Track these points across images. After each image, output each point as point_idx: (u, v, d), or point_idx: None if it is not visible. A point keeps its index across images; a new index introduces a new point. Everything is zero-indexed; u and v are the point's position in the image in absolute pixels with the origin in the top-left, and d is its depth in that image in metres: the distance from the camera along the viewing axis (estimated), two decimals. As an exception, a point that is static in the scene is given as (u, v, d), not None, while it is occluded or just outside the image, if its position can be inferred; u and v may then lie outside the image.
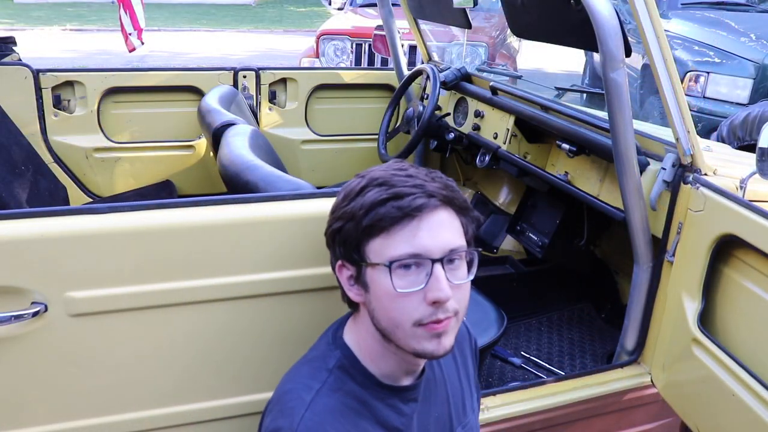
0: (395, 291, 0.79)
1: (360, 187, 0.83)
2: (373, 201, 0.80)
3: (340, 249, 0.85)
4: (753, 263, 1.22)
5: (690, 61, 4.08)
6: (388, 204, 0.79)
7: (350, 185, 0.85)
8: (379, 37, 4.33)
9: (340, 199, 0.86)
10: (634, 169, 1.33)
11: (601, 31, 1.20)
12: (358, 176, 0.86)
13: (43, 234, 0.93)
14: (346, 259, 0.85)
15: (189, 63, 7.97)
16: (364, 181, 0.83)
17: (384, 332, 0.83)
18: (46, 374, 1.00)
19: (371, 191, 0.81)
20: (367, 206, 0.80)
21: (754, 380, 1.18)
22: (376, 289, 0.81)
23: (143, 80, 2.20)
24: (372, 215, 0.80)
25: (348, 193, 0.84)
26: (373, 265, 0.81)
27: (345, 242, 0.83)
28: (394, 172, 0.83)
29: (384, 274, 0.79)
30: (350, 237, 0.82)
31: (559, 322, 2.11)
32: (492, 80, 2.11)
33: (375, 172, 0.84)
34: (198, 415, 1.11)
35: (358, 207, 0.81)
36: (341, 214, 0.84)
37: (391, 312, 0.80)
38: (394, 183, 0.81)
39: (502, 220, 2.51)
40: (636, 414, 1.57)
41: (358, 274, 0.84)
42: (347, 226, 0.82)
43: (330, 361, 0.86)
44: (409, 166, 0.85)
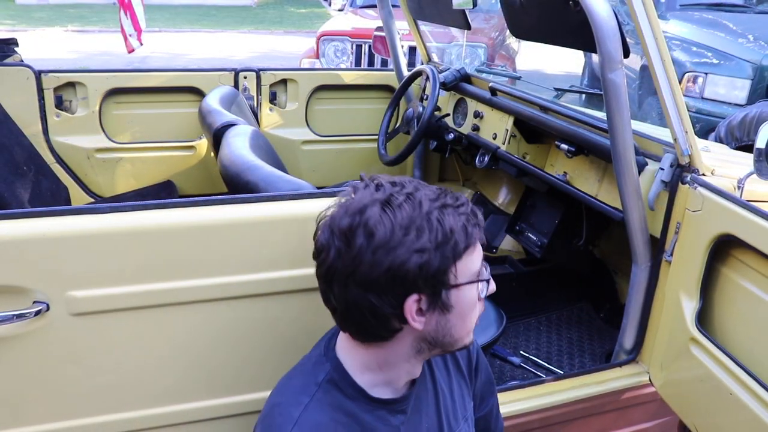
0: (479, 298, 0.84)
1: (425, 213, 0.77)
2: (460, 225, 0.79)
3: (424, 281, 0.78)
4: (751, 263, 1.22)
5: (688, 62, 4.09)
6: (471, 223, 0.81)
7: (405, 216, 0.77)
8: (379, 38, 4.34)
9: (392, 231, 0.76)
10: (632, 170, 1.34)
11: (600, 32, 1.20)
12: (391, 206, 0.78)
13: (44, 234, 0.94)
14: (427, 289, 0.79)
15: (190, 64, 7.98)
16: (419, 208, 0.78)
17: (447, 344, 0.85)
18: (48, 373, 1.01)
19: (445, 213, 0.78)
20: (457, 231, 0.78)
21: (752, 379, 1.19)
22: (462, 306, 0.82)
23: (144, 81, 2.21)
24: (463, 238, 0.79)
25: (407, 226, 0.76)
26: (457, 285, 0.80)
27: (432, 273, 0.78)
28: (431, 195, 0.81)
29: (471, 288, 0.82)
30: (437, 266, 0.78)
31: (558, 321, 2.11)
32: (491, 81, 2.11)
33: (412, 198, 0.78)
34: (199, 413, 1.11)
35: (447, 234, 0.78)
36: (419, 246, 0.76)
37: (471, 321, 0.85)
38: (449, 203, 0.80)
39: (502, 220, 2.52)
40: (634, 413, 1.57)
41: (432, 302, 0.80)
42: (433, 257, 0.77)
43: (320, 375, 0.86)
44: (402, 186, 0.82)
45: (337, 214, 0.81)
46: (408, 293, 0.78)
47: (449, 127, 2.24)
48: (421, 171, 2.61)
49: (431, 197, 0.80)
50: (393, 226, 0.77)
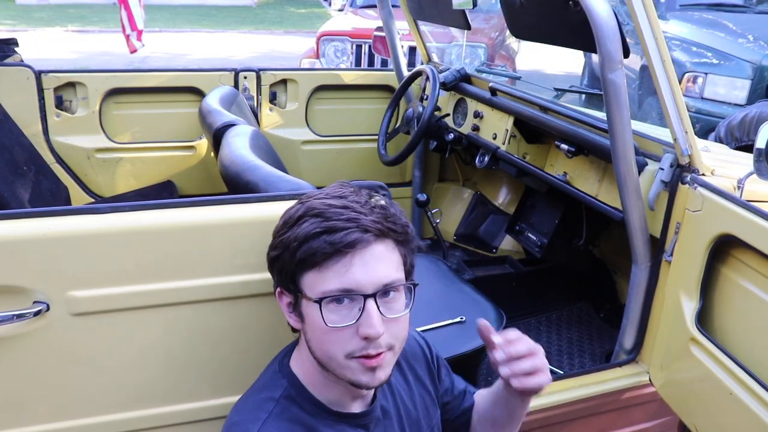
0: (326, 326, 0.78)
1: (297, 216, 0.81)
2: (307, 234, 0.78)
3: (278, 276, 0.84)
4: (751, 263, 1.22)
5: (688, 62, 4.09)
6: (321, 238, 0.77)
7: (290, 211, 0.84)
8: (379, 38, 4.34)
9: (280, 224, 0.85)
10: (632, 170, 1.34)
11: (600, 32, 1.20)
12: (299, 201, 0.84)
13: (45, 234, 0.94)
14: (283, 287, 0.85)
15: (190, 64, 7.98)
16: (302, 209, 0.81)
17: (320, 362, 0.83)
18: (48, 373, 1.01)
19: (306, 222, 0.79)
20: (301, 239, 0.79)
21: (752, 379, 1.19)
22: (310, 321, 0.81)
23: (144, 81, 2.21)
24: (305, 249, 0.78)
25: (287, 220, 0.83)
26: (307, 298, 0.80)
27: (281, 271, 0.83)
28: (332, 202, 0.80)
29: (316, 308, 0.79)
30: (286, 267, 0.81)
31: (558, 321, 2.12)
32: (491, 81, 2.11)
33: (313, 201, 0.82)
34: (199, 413, 1.11)
35: (293, 238, 0.80)
36: (278, 243, 0.83)
37: (324, 344, 0.81)
38: (329, 215, 0.78)
39: (501, 220, 2.52)
40: (634, 413, 1.57)
41: (295, 303, 0.84)
42: (283, 256, 0.81)
43: (276, 391, 0.86)
44: (349, 194, 0.82)
45: None
46: (276, 284, 0.86)
47: (449, 127, 2.25)
48: (421, 171, 2.61)
49: (324, 203, 0.80)
50: (283, 219, 0.85)
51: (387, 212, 0.82)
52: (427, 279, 1.78)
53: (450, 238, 2.61)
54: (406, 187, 2.63)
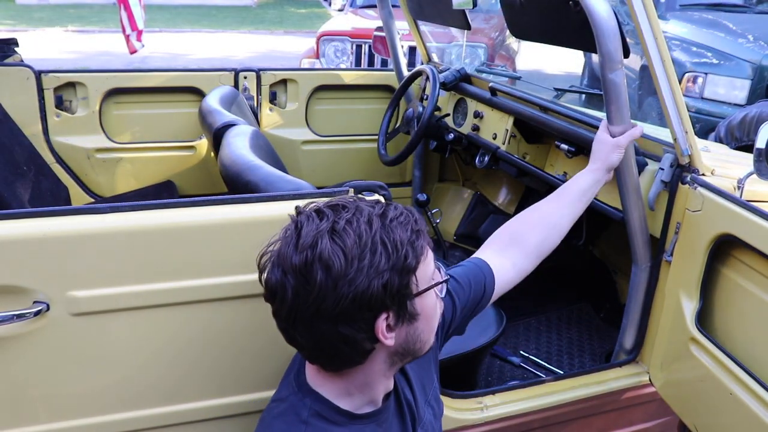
0: (440, 298, 0.86)
1: (373, 236, 0.76)
2: (409, 236, 0.79)
3: (390, 300, 0.78)
4: (751, 263, 1.22)
5: (688, 62, 4.09)
6: (417, 233, 0.81)
7: (352, 243, 0.75)
8: (379, 38, 4.34)
9: (346, 261, 0.75)
10: (632, 170, 1.34)
11: (600, 32, 1.20)
12: (336, 234, 0.76)
13: (45, 234, 0.94)
14: (394, 306, 0.79)
15: (190, 64, 7.98)
16: (365, 231, 0.76)
17: (417, 350, 0.85)
18: (48, 373, 1.01)
19: (391, 228, 0.78)
20: (407, 243, 0.78)
21: (752, 379, 1.19)
22: (427, 311, 0.84)
23: (144, 81, 2.21)
24: (416, 248, 0.80)
25: (361, 250, 0.75)
26: (419, 293, 0.81)
27: (395, 290, 0.77)
28: (377, 208, 0.80)
29: (431, 292, 0.84)
30: (399, 281, 0.78)
31: (558, 321, 2.12)
32: (491, 81, 2.11)
33: (353, 222, 0.77)
34: (199, 413, 1.12)
35: (399, 248, 0.77)
36: (376, 271, 0.75)
37: (435, 320, 0.86)
38: (392, 215, 0.80)
39: (501, 220, 2.51)
40: (634, 413, 1.57)
41: (399, 314, 0.80)
42: (392, 275, 0.76)
43: (303, 412, 0.84)
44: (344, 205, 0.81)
45: (284, 251, 0.78)
46: (377, 315, 0.78)
47: (449, 127, 2.25)
48: (421, 171, 2.61)
49: (374, 215, 0.80)
50: (346, 254, 0.75)
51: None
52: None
53: (450, 238, 2.61)
54: (406, 187, 2.63)
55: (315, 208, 0.81)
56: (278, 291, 0.78)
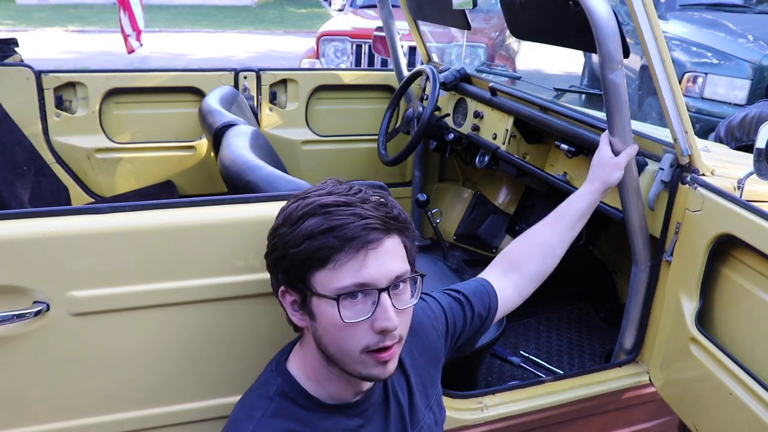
0: (342, 322, 0.79)
1: (300, 214, 0.80)
2: (312, 231, 0.78)
3: (283, 276, 0.83)
4: (751, 263, 1.22)
5: (688, 62, 4.09)
6: (328, 235, 0.78)
7: (289, 209, 0.83)
8: (379, 38, 4.34)
9: (279, 222, 0.84)
10: (632, 170, 1.34)
11: (600, 32, 1.20)
12: (298, 199, 0.83)
13: (45, 234, 0.94)
14: (289, 286, 0.84)
15: (190, 64, 7.98)
16: (303, 206, 0.81)
17: (331, 358, 0.84)
18: (48, 373, 1.01)
19: (311, 220, 0.79)
20: (307, 236, 0.78)
21: (752, 379, 1.19)
22: (323, 318, 0.81)
23: (144, 81, 2.21)
24: (314, 246, 0.78)
25: (287, 219, 0.82)
26: (318, 295, 0.80)
27: (288, 270, 0.82)
28: (334, 199, 0.80)
29: (331, 305, 0.79)
30: (293, 266, 0.81)
31: (558, 321, 2.12)
32: (491, 81, 2.11)
33: (313, 196, 0.82)
34: (199, 413, 1.12)
35: (299, 236, 0.79)
36: (282, 243, 0.81)
37: (339, 340, 0.81)
38: (334, 212, 0.79)
39: (501, 220, 2.52)
40: (634, 413, 1.57)
41: (303, 301, 0.83)
42: (289, 255, 0.80)
43: (271, 389, 0.87)
44: (348, 189, 0.83)
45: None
46: (278, 282, 0.85)
47: (449, 127, 2.25)
48: (421, 171, 2.61)
49: (326, 201, 0.80)
50: (280, 218, 0.84)
51: (387, 207, 0.83)
52: (427, 279, 1.78)
53: (450, 238, 2.61)
54: (406, 187, 2.63)
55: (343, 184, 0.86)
56: None
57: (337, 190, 0.83)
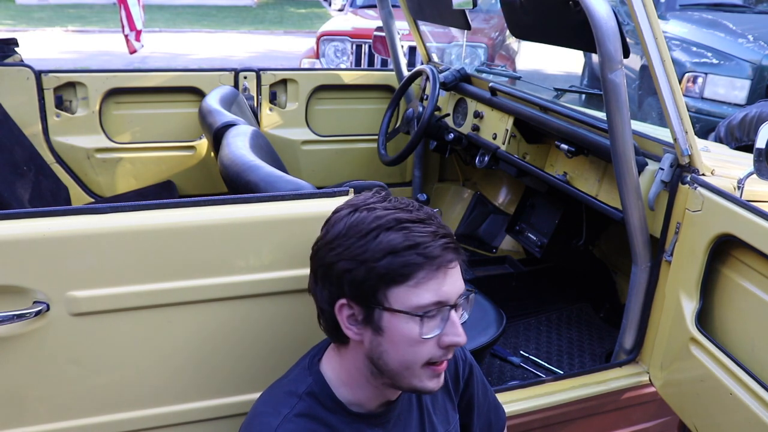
0: (420, 338, 0.79)
1: (373, 227, 0.78)
2: (395, 247, 0.77)
3: (350, 289, 0.80)
4: (751, 263, 1.22)
5: (688, 62, 4.09)
6: (412, 252, 0.77)
7: (355, 220, 0.80)
8: (379, 38, 4.34)
9: (340, 232, 0.80)
10: (632, 170, 1.34)
11: (600, 32, 1.20)
12: (358, 209, 0.81)
13: (45, 234, 0.94)
14: (354, 299, 0.81)
15: (190, 64, 7.98)
16: (374, 219, 0.79)
17: (388, 372, 0.83)
18: (48, 373, 1.01)
19: (390, 234, 0.77)
20: (389, 251, 0.77)
21: (752, 379, 1.19)
22: (395, 333, 0.80)
23: (144, 81, 2.21)
24: (397, 263, 0.77)
25: (353, 229, 0.79)
26: (393, 311, 0.79)
27: (357, 285, 0.79)
28: (408, 215, 0.79)
29: (407, 320, 0.79)
30: (365, 281, 0.78)
31: (558, 321, 2.11)
32: (491, 81, 2.11)
33: (379, 209, 0.80)
34: (199, 413, 1.12)
35: (378, 251, 0.77)
36: (350, 254, 0.78)
37: (407, 355, 0.81)
38: (412, 229, 0.78)
39: (501, 220, 2.52)
40: (634, 413, 1.57)
41: (366, 316, 0.81)
42: (360, 270, 0.78)
43: (301, 387, 0.88)
44: (408, 204, 0.82)
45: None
46: (338, 295, 0.82)
47: (449, 127, 2.25)
48: (421, 171, 2.61)
49: (396, 213, 0.79)
50: (343, 228, 0.80)
51: (444, 225, 0.84)
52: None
53: (450, 238, 2.61)
54: (406, 187, 2.63)
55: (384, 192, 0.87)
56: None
57: (399, 205, 0.82)
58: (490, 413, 1.11)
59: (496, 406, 1.13)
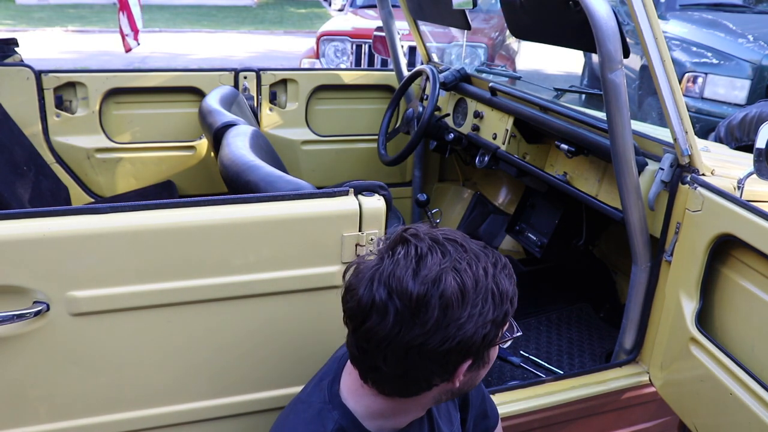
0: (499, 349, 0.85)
1: (490, 281, 0.77)
2: (513, 290, 0.80)
3: (481, 350, 0.79)
4: (751, 263, 1.22)
5: (688, 62, 4.09)
6: (515, 287, 0.81)
7: (468, 284, 0.75)
8: (379, 38, 4.34)
9: (467, 307, 0.75)
10: (632, 170, 1.34)
11: (600, 32, 1.20)
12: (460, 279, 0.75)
13: (45, 234, 0.94)
14: (477, 355, 0.79)
15: (190, 64, 7.98)
16: (480, 274, 0.76)
17: (465, 392, 0.91)
18: (48, 373, 1.01)
19: (500, 279, 0.78)
20: (511, 296, 0.80)
21: (752, 379, 1.19)
22: (493, 357, 0.84)
23: (145, 81, 2.21)
24: (515, 303, 0.81)
25: (476, 295, 0.75)
26: (498, 341, 0.82)
27: (487, 342, 0.78)
28: (493, 272, 0.79)
29: (497, 347, 0.84)
30: (493, 334, 0.78)
31: (558, 321, 2.11)
32: (491, 81, 2.11)
33: (480, 257, 0.78)
34: (199, 413, 1.12)
35: (504, 301, 0.78)
36: (482, 320, 0.75)
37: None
38: (500, 264, 0.81)
39: (501, 220, 2.52)
40: (634, 413, 1.57)
41: (477, 361, 0.81)
42: (492, 327, 0.77)
43: (328, 424, 0.83)
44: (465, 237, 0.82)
45: (400, 274, 0.74)
46: (465, 359, 0.78)
47: (449, 127, 2.25)
48: (421, 171, 2.61)
49: (489, 262, 0.79)
50: (465, 297, 0.75)
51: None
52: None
53: (450, 238, 2.61)
54: (406, 187, 2.63)
55: (431, 236, 0.78)
56: (376, 312, 0.75)
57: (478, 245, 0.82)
58: (485, 404, 1.11)
59: (485, 396, 1.13)
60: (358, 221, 1.09)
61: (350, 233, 1.09)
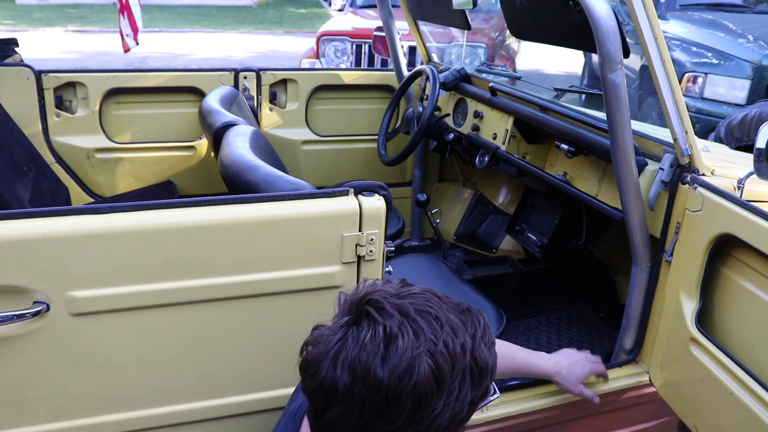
0: None
1: (466, 361, 0.71)
2: (492, 360, 0.76)
3: (454, 429, 0.74)
4: (751, 263, 1.22)
5: (688, 62, 4.09)
6: (495, 354, 0.78)
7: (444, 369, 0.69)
8: (379, 38, 4.34)
9: (441, 397, 0.69)
10: (632, 170, 1.34)
11: (600, 32, 1.20)
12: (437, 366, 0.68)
13: (45, 234, 0.94)
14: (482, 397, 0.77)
15: (190, 64, 7.99)
16: (458, 353, 0.70)
17: None
18: (48, 373, 1.01)
19: (479, 353, 0.73)
20: (490, 371, 0.75)
21: (752, 379, 1.19)
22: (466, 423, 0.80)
23: (145, 81, 2.21)
24: (494, 374, 0.77)
25: (452, 380, 0.71)
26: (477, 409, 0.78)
27: (458, 421, 0.73)
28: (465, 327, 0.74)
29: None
30: (466, 414, 0.74)
31: (558, 321, 2.11)
32: (491, 81, 2.11)
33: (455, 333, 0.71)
34: (199, 413, 1.12)
35: (484, 378, 0.74)
36: (458, 405, 0.71)
37: None
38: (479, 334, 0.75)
39: (501, 220, 2.52)
40: (634, 413, 1.57)
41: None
42: (469, 409, 0.74)
43: None
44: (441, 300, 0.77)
45: (366, 361, 0.66)
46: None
47: (449, 127, 2.25)
48: (421, 171, 2.61)
49: (467, 335, 0.71)
50: (442, 387, 0.68)
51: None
52: (427, 279, 1.79)
53: (450, 238, 2.61)
54: (406, 187, 2.63)
55: (401, 309, 0.70)
56: (341, 400, 0.67)
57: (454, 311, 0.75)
58: None
59: None
60: (358, 221, 1.09)
61: (350, 233, 1.09)
